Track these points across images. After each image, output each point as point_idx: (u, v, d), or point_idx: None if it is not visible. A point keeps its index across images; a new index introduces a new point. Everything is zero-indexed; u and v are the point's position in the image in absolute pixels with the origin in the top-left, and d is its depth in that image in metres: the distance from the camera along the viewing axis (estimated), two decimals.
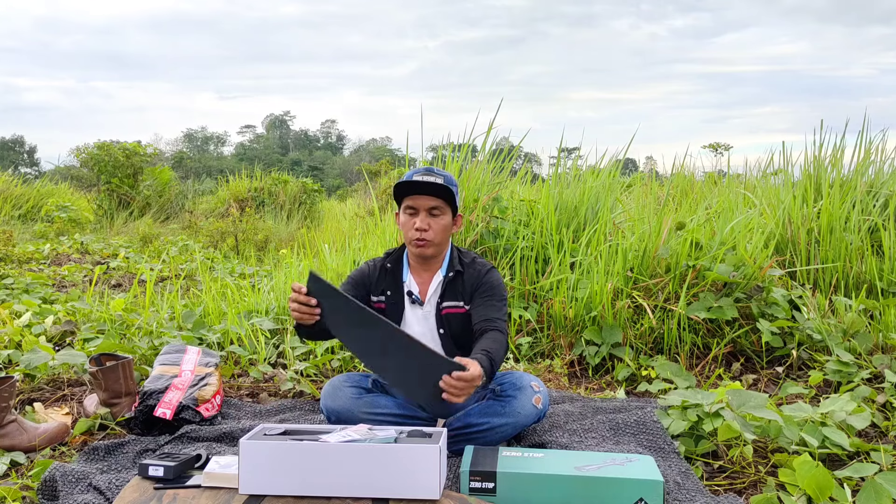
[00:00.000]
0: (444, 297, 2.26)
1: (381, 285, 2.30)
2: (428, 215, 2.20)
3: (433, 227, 2.20)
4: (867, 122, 5.05)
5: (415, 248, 2.23)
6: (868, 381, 2.85)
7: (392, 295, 2.29)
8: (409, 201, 2.21)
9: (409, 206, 2.22)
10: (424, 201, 2.19)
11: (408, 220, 2.22)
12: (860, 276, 4.00)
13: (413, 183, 2.18)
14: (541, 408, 2.21)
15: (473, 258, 2.34)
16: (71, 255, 7.25)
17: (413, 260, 2.31)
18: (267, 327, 3.53)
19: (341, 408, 2.20)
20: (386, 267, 2.32)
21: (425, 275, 2.31)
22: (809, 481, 1.75)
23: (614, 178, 4.63)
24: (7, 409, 2.19)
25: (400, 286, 2.29)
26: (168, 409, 2.32)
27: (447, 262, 2.30)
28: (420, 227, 2.19)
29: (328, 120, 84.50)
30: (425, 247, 2.22)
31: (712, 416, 2.16)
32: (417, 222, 2.19)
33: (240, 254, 8.10)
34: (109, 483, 1.82)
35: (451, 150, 4.46)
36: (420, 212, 2.20)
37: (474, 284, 2.27)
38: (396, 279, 2.30)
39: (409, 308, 2.29)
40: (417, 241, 2.21)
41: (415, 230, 2.20)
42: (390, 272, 2.31)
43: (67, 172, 15.89)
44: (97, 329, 3.54)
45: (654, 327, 3.27)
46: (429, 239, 2.20)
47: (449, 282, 2.27)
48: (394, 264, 2.33)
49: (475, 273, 2.28)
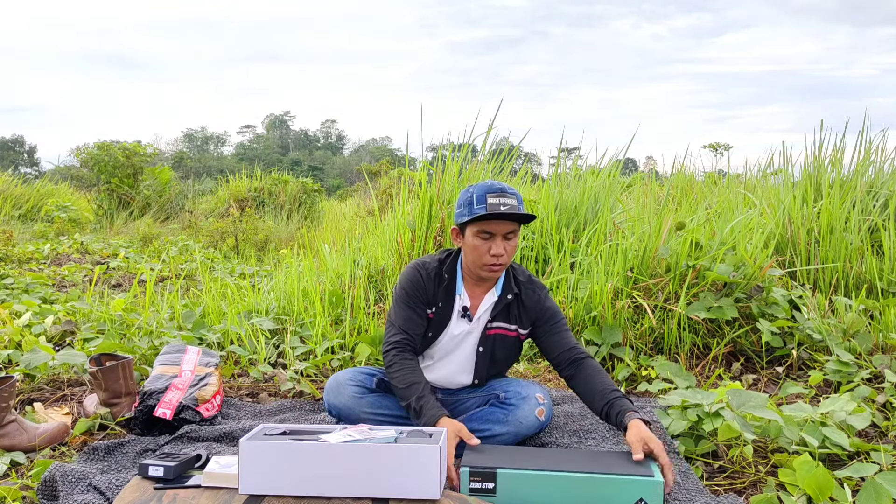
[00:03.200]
0: (496, 317, 2.22)
1: (436, 298, 2.23)
2: (504, 239, 2.12)
3: (508, 251, 2.13)
4: (867, 122, 5.06)
5: (487, 272, 2.15)
6: (868, 381, 2.85)
7: (442, 306, 2.23)
8: (485, 226, 2.10)
9: (484, 231, 2.10)
10: (504, 227, 2.10)
11: (482, 244, 2.11)
12: (860, 276, 4.00)
13: (500, 215, 2.06)
14: (543, 420, 2.20)
15: (529, 277, 2.29)
16: (71, 255, 7.25)
17: (470, 276, 2.23)
18: (267, 327, 3.53)
19: (343, 405, 2.20)
20: (443, 277, 2.24)
21: (478, 291, 2.24)
22: (809, 481, 1.75)
23: (614, 178, 4.63)
24: (7, 409, 2.19)
25: (452, 299, 2.23)
26: (168, 409, 2.32)
27: (503, 280, 2.25)
28: (497, 252, 2.10)
29: (328, 120, 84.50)
30: (498, 270, 2.16)
31: (712, 416, 2.16)
32: (493, 248, 2.10)
33: (240, 254, 8.11)
34: (109, 483, 1.82)
35: (451, 150, 4.47)
36: (497, 237, 2.11)
37: (535, 311, 2.23)
38: (450, 292, 2.23)
39: (455, 321, 2.23)
40: (493, 265, 2.13)
41: (490, 255, 2.11)
42: (445, 286, 2.23)
43: (67, 172, 15.87)
44: (97, 329, 3.54)
45: (654, 327, 3.27)
46: (503, 263, 2.14)
47: (505, 304, 2.22)
48: (450, 275, 2.24)
49: (534, 298, 2.24)
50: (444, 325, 2.22)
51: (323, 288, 3.90)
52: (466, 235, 2.15)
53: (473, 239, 2.12)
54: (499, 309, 2.22)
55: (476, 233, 2.11)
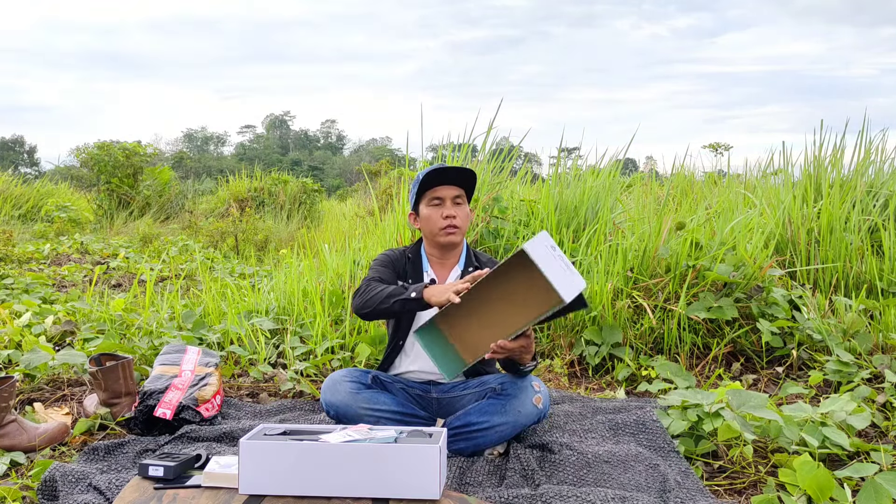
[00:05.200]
0: None
1: (406, 274, 2.38)
2: (453, 203, 2.30)
3: (459, 214, 2.31)
4: (867, 121, 5.05)
5: (444, 236, 2.31)
6: (868, 381, 2.85)
7: (412, 283, 2.33)
8: (433, 192, 2.30)
9: (435, 198, 2.30)
10: (449, 191, 2.30)
11: (434, 210, 2.31)
12: (860, 276, 4.00)
13: (441, 171, 2.27)
14: (541, 408, 2.21)
15: (489, 257, 2.44)
16: (71, 255, 7.25)
17: (433, 254, 2.40)
18: (267, 327, 3.53)
19: (340, 402, 2.21)
20: (408, 256, 2.41)
21: (443, 269, 2.40)
22: (810, 481, 1.75)
23: (614, 178, 4.63)
24: (7, 409, 2.19)
25: (420, 275, 2.37)
26: (168, 409, 2.32)
27: (464, 257, 2.41)
28: (449, 213, 2.29)
29: (328, 120, 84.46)
30: (455, 233, 2.31)
31: (712, 416, 2.16)
32: (445, 211, 2.29)
33: (240, 254, 8.10)
34: (109, 483, 1.82)
35: (451, 150, 4.47)
36: (446, 201, 2.30)
37: None
38: (417, 269, 2.38)
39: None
40: (448, 227, 2.29)
41: (443, 218, 2.29)
42: (411, 262, 2.40)
43: (67, 172, 15.87)
44: (97, 329, 3.54)
45: (654, 327, 3.27)
46: (458, 225, 2.30)
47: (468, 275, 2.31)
48: (414, 256, 2.41)
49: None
50: None
51: (323, 288, 3.90)
52: (420, 212, 2.35)
53: (426, 210, 2.32)
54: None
55: (427, 203, 2.31)
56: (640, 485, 1.90)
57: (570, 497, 1.74)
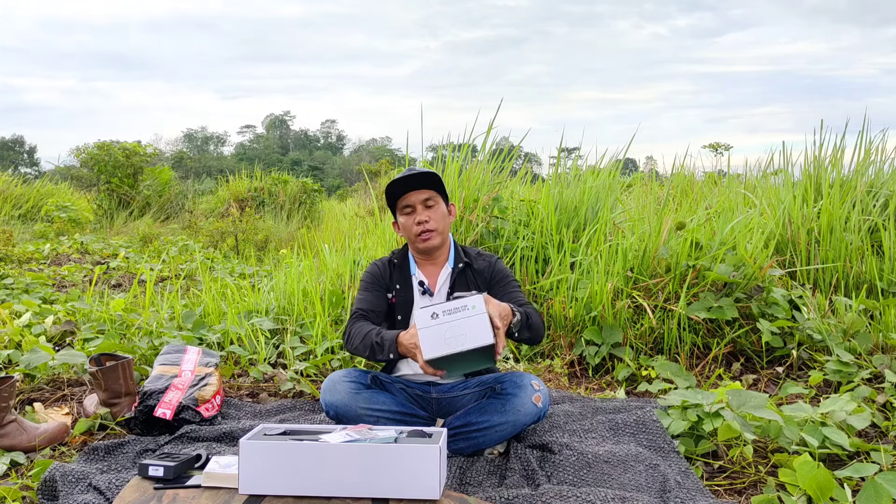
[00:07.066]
0: (455, 287, 2.33)
1: (393, 282, 2.37)
2: (424, 207, 2.29)
3: (433, 216, 2.30)
4: (867, 122, 5.05)
5: (421, 242, 2.30)
6: (868, 381, 2.85)
7: (401, 289, 2.35)
8: (402, 202, 2.31)
9: (405, 206, 2.31)
10: (417, 196, 2.29)
11: (407, 218, 2.31)
12: (860, 276, 3.99)
13: (403, 180, 2.27)
14: (541, 406, 2.21)
15: (479, 252, 2.44)
16: (71, 255, 7.25)
17: (419, 256, 2.39)
18: (267, 327, 3.53)
19: (339, 402, 2.21)
20: (394, 263, 2.40)
21: (432, 269, 2.39)
22: (810, 481, 1.75)
23: (614, 178, 4.62)
24: (7, 409, 2.19)
25: (409, 279, 2.36)
26: (168, 409, 2.32)
27: (453, 255, 2.39)
28: (421, 219, 2.28)
29: (328, 120, 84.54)
30: (431, 238, 2.30)
31: (712, 416, 2.16)
32: (417, 217, 2.29)
33: (240, 254, 8.11)
34: (109, 483, 1.82)
35: (451, 150, 4.46)
36: (416, 206, 2.30)
37: (489, 274, 2.35)
38: (405, 274, 2.37)
39: (419, 300, 2.34)
40: (422, 233, 2.29)
41: (416, 224, 2.29)
42: (398, 268, 2.39)
43: (67, 172, 15.86)
44: (97, 329, 3.54)
45: (654, 327, 3.27)
46: (432, 228, 2.29)
47: (459, 273, 2.35)
48: (401, 261, 2.40)
49: (486, 263, 2.38)
50: (409, 304, 2.33)
51: (323, 288, 3.90)
52: (398, 221, 2.36)
53: (402, 219, 2.34)
54: (454, 278, 2.35)
55: (400, 212, 2.33)
56: (641, 485, 1.90)
57: (570, 497, 1.74)
